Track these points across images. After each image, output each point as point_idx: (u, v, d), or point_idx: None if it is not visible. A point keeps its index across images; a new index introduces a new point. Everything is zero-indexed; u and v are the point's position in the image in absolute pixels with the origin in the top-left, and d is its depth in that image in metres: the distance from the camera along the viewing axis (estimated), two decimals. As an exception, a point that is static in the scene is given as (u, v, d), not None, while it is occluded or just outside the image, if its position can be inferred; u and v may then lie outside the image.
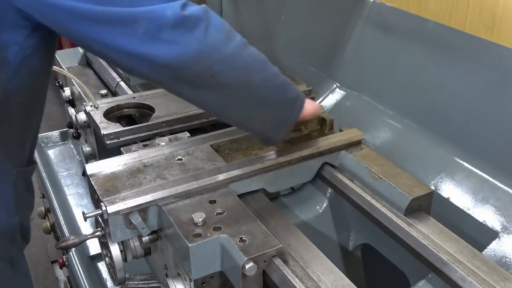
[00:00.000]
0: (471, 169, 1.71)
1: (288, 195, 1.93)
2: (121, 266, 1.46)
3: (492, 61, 1.68)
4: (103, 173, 1.49)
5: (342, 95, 2.21)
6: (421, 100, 1.91)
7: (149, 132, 1.83)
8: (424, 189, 1.52)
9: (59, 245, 1.50)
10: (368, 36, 2.13)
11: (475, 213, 1.62)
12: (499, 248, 1.51)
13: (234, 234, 1.28)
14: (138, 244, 1.47)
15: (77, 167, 2.60)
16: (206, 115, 1.91)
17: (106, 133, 1.78)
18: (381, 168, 1.61)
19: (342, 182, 1.66)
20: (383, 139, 1.97)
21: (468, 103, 1.76)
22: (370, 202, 1.57)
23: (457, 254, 1.36)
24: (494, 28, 1.65)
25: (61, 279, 3.39)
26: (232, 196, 1.45)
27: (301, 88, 2.07)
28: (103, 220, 1.40)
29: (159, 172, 1.51)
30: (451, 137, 1.79)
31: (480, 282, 1.27)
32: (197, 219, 1.31)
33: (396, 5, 2.01)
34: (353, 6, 2.19)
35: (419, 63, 1.92)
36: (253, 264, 1.22)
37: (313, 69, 2.36)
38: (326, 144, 1.69)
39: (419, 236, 1.43)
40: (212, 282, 1.33)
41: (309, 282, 1.26)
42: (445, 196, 1.70)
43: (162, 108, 1.90)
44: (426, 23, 1.87)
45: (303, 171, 1.68)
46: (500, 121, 1.66)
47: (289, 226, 1.48)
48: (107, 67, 2.49)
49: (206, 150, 1.63)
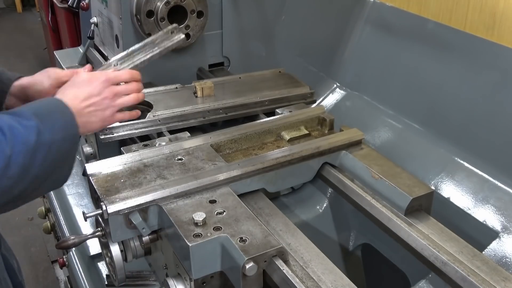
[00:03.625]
0: (471, 169, 1.71)
1: (288, 195, 1.93)
2: (121, 266, 1.46)
3: (492, 61, 1.68)
4: (103, 173, 1.49)
5: (342, 95, 2.22)
6: (421, 100, 1.91)
7: (144, 129, 1.83)
8: (424, 189, 1.52)
9: (59, 245, 1.50)
10: (368, 36, 2.13)
11: (475, 213, 1.62)
12: (500, 248, 1.52)
13: (234, 234, 1.28)
14: (138, 243, 1.48)
15: (77, 167, 2.59)
16: (203, 114, 1.91)
17: (101, 127, 1.77)
18: (381, 168, 1.61)
19: (342, 182, 1.66)
20: (383, 139, 1.97)
21: (468, 103, 1.76)
22: (370, 202, 1.57)
23: (457, 254, 1.36)
24: (494, 28, 1.66)
25: (61, 279, 3.39)
26: (232, 196, 1.45)
27: (304, 90, 2.07)
28: (103, 220, 1.40)
29: (159, 172, 1.51)
30: (451, 137, 1.80)
31: (480, 282, 1.27)
32: (197, 219, 1.31)
33: (396, 5, 2.01)
34: (353, 6, 2.19)
35: (419, 63, 1.92)
36: (253, 264, 1.22)
37: (313, 69, 2.36)
38: (327, 144, 1.69)
39: (419, 236, 1.43)
40: (212, 282, 1.33)
41: (309, 282, 1.26)
42: (445, 196, 1.70)
43: (160, 105, 1.90)
44: (426, 23, 1.87)
45: (303, 171, 1.68)
46: (500, 121, 1.66)
47: (289, 226, 1.48)
48: (107, 67, 2.49)
49: (206, 150, 1.63)
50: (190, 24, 2.07)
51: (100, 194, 1.40)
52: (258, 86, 2.09)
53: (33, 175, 1.18)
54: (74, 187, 2.45)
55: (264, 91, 2.04)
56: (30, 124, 1.18)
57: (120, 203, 1.36)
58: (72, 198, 2.39)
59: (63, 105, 1.31)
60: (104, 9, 2.27)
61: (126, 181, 1.46)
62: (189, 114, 1.89)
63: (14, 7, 9.16)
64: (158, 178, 1.47)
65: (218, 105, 1.93)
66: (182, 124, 1.88)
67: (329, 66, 2.28)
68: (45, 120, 1.22)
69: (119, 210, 1.35)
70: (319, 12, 2.28)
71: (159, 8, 1.98)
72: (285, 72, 2.22)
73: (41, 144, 1.19)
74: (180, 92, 2.01)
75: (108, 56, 2.34)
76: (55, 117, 1.27)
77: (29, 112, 1.22)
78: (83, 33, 2.76)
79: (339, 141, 1.71)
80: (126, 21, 2.07)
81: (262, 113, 2.00)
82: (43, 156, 1.19)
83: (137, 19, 2.02)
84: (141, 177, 1.48)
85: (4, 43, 7.52)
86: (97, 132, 1.79)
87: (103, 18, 2.30)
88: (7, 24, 8.54)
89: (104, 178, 1.47)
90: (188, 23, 2.06)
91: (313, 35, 2.32)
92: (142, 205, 1.38)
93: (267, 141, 1.77)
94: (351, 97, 2.18)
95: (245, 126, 1.78)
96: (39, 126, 1.19)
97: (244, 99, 1.98)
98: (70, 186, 2.46)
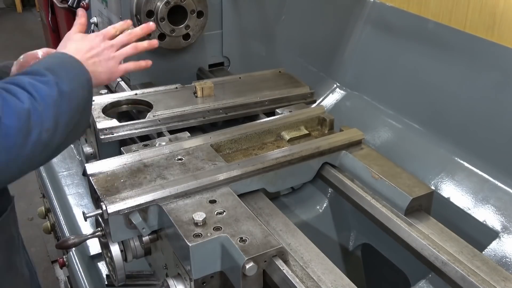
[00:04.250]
0: (471, 169, 1.71)
1: (288, 195, 1.93)
2: (121, 266, 1.46)
3: (492, 61, 1.68)
4: (103, 173, 1.49)
5: (342, 95, 2.22)
6: (421, 100, 1.91)
7: (144, 129, 1.83)
8: (424, 189, 1.52)
9: (59, 245, 1.50)
10: (368, 36, 2.13)
11: (475, 213, 1.62)
12: (500, 248, 1.52)
13: (234, 234, 1.28)
14: (138, 243, 1.48)
15: (77, 167, 2.60)
16: (203, 114, 1.91)
17: (101, 127, 1.77)
18: (381, 168, 1.61)
19: (343, 182, 1.66)
20: (383, 139, 1.97)
21: (468, 103, 1.76)
22: (370, 202, 1.57)
23: (457, 254, 1.36)
24: (494, 28, 1.66)
25: (61, 279, 3.39)
26: (232, 196, 1.45)
27: (304, 90, 2.08)
28: (103, 220, 1.40)
29: (159, 172, 1.51)
30: (451, 137, 1.80)
31: (480, 282, 1.27)
32: (197, 219, 1.31)
33: (396, 5, 2.01)
34: (353, 6, 2.19)
35: (419, 63, 1.92)
36: (253, 264, 1.22)
37: (313, 69, 2.36)
38: (327, 144, 1.69)
39: (419, 236, 1.43)
40: (212, 282, 1.33)
41: (309, 282, 1.26)
42: (445, 196, 1.70)
43: (160, 105, 1.90)
44: (426, 23, 1.87)
45: (303, 171, 1.68)
46: (500, 121, 1.66)
47: (289, 226, 1.48)
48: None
49: (206, 150, 1.63)
50: (190, 24, 2.07)
51: (100, 194, 1.40)
52: (258, 86, 2.09)
53: (63, 124, 1.25)
54: (74, 187, 2.45)
55: (264, 91, 2.04)
56: (47, 79, 1.25)
57: (120, 203, 1.36)
58: (72, 198, 2.39)
59: (71, 57, 1.38)
60: (104, 9, 2.27)
61: (126, 181, 1.46)
62: (189, 114, 1.89)
63: (14, 7, 9.16)
64: (158, 178, 1.47)
65: (218, 105, 1.94)
66: (182, 124, 1.88)
67: (329, 66, 2.28)
68: (59, 73, 1.29)
69: (119, 210, 1.35)
70: (319, 12, 2.28)
71: (159, 8, 1.98)
72: (285, 72, 2.22)
73: (62, 94, 1.25)
74: (180, 92, 2.01)
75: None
76: (67, 68, 1.34)
77: (42, 68, 1.29)
78: (83, 33, 2.76)
79: (339, 141, 1.71)
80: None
81: (262, 113, 2.00)
82: (67, 104, 1.26)
83: (137, 19, 2.02)
84: (141, 177, 1.48)
85: (4, 43, 7.52)
86: (97, 132, 1.79)
87: (103, 18, 2.30)
88: (7, 24, 8.55)
89: (104, 178, 1.47)
90: (188, 23, 2.06)
91: (313, 35, 2.32)
92: (142, 205, 1.38)
93: (267, 141, 1.77)
94: (351, 97, 2.18)
95: (245, 126, 1.78)
96: (55, 79, 1.26)
97: (244, 99, 1.98)
98: (70, 186, 2.45)
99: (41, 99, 1.21)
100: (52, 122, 1.22)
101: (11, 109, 1.14)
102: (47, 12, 4.93)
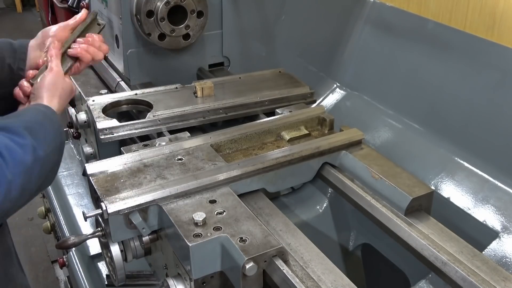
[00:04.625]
0: (471, 169, 1.71)
1: (288, 195, 1.93)
2: (121, 266, 1.46)
3: (492, 61, 1.68)
4: (103, 173, 1.49)
5: (342, 95, 2.22)
6: (421, 100, 1.91)
7: (144, 129, 1.83)
8: (424, 189, 1.52)
9: (59, 245, 1.50)
10: (368, 36, 2.14)
11: (475, 213, 1.62)
12: (500, 248, 1.52)
13: (234, 234, 1.28)
14: (138, 243, 1.47)
15: (77, 167, 2.60)
16: (203, 114, 1.91)
17: (101, 127, 1.77)
18: (381, 168, 1.61)
19: (342, 182, 1.66)
20: (383, 139, 1.97)
21: (468, 103, 1.76)
22: (370, 202, 1.57)
23: (457, 254, 1.36)
24: (494, 28, 1.66)
25: (61, 279, 3.39)
26: (232, 196, 1.45)
27: (304, 90, 2.07)
28: (103, 220, 1.40)
29: (159, 172, 1.51)
30: (451, 137, 1.80)
31: (480, 282, 1.27)
32: (197, 219, 1.31)
33: (396, 5, 2.01)
34: (353, 6, 2.19)
35: (419, 63, 1.92)
36: (253, 264, 1.22)
37: (313, 69, 2.36)
38: (326, 144, 1.69)
39: (419, 236, 1.43)
40: (212, 282, 1.33)
41: (309, 282, 1.26)
42: (445, 196, 1.70)
43: (160, 105, 1.90)
44: (426, 23, 1.87)
45: (303, 171, 1.68)
46: (500, 121, 1.66)
47: (289, 226, 1.48)
48: (107, 67, 2.49)
49: (206, 150, 1.63)
50: (190, 24, 2.07)
51: (100, 194, 1.40)
52: (258, 86, 2.09)
53: (30, 192, 1.25)
54: (74, 187, 2.45)
55: (264, 91, 2.04)
56: (25, 143, 1.23)
57: (120, 203, 1.36)
58: (72, 198, 2.39)
59: (49, 111, 1.40)
60: (104, 9, 2.27)
61: (126, 181, 1.46)
62: (189, 114, 1.89)
63: (14, 7, 9.16)
64: (158, 178, 1.47)
65: (218, 105, 1.93)
66: (182, 124, 1.88)
67: (329, 66, 2.28)
68: (38, 134, 1.28)
69: (119, 210, 1.35)
70: (319, 12, 2.28)
71: (159, 8, 1.98)
72: (285, 72, 2.22)
73: (36, 161, 1.24)
74: (180, 92, 2.01)
75: (108, 56, 2.33)
76: (46, 128, 1.33)
77: (21, 127, 1.26)
78: (83, 33, 2.76)
79: (339, 141, 1.71)
80: (126, 21, 2.07)
81: (262, 113, 2.00)
82: (38, 171, 1.25)
83: (137, 19, 2.02)
84: (141, 177, 1.48)
85: (4, 43, 7.51)
86: (97, 132, 1.79)
87: (103, 18, 2.30)
88: (7, 24, 8.54)
89: (104, 178, 1.47)
90: (188, 23, 2.06)
91: (313, 35, 2.32)
92: (142, 205, 1.38)
93: (267, 141, 1.77)
94: (351, 97, 2.18)
95: (245, 126, 1.78)
96: (33, 144, 1.24)
97: (244, 99, 1.98)
98: (70, 186, 2.46)
99: (13, 166, 1.18)
100: (18, 192, 1.19)
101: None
102: (47, 12, 4.93)
